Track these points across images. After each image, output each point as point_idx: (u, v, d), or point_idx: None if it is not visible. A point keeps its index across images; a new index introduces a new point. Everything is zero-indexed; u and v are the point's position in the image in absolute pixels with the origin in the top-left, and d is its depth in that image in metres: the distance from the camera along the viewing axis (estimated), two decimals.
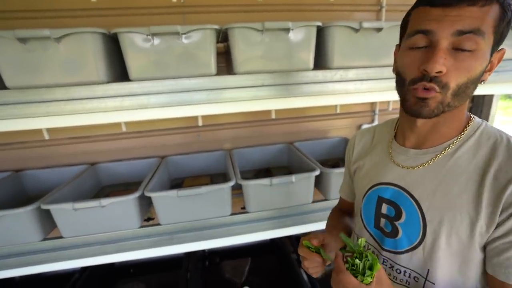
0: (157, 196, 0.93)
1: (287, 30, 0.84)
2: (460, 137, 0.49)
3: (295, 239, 1.44)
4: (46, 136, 1.16)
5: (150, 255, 0.97)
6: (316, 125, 1.51)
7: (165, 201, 0.94)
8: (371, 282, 0.44)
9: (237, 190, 1.08)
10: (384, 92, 0.99)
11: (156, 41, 0.80)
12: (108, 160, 1.33)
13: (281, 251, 1.43)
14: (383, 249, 0.57)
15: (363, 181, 0.64)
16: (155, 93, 0.82)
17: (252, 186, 0.99)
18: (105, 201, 0.88)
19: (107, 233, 0.95)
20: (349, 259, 0.47)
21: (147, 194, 0.92)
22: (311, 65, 0.91)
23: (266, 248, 1.52)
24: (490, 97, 1.57)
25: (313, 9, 1.30)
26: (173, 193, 0.92)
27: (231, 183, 0.96)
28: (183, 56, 0.82)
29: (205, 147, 1.42)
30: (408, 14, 0.48)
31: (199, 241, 0.99)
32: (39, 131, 1.15)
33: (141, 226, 0.97)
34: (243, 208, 1.08)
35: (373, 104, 1.56)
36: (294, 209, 1.07)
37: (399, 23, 0.51)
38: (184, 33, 0.79)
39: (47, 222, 0.94)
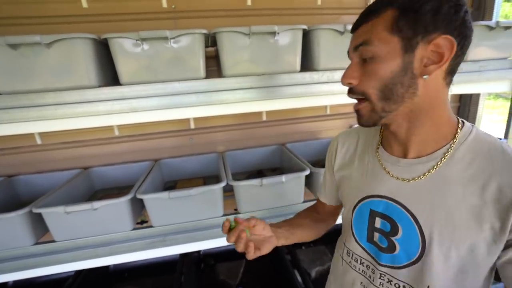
0: (149, 198, 0.94)
1: (273, 33, 0.86)
2: (453, 144, 0.47)
3: None
4: (39, 141, 1.17)
5: (143, 257, 0.98)
6: (307, 127, 1.53)
7: (157, 203, 0.95)
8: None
9: (230, 192, 1.09)
10: None
11: (146, 46, 0.82)
12: (101, 164, 1.34)
13: (274, 253, 1.43)
14: (380, 265, 0.55)
15: (352, 192, 0.61)
16: (146, 96, 0.83)
17: (243, 187, 1.01)
18: (97, 204, 0.89)
19: (100, 236, 0.96)
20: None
21: (139, 196, 0.93)
22: (298, 67, 0.93)
23: None
24: (477, 96, 1.61)
25: (301, 13, 1.32)
26: (164, 195, 0.93)
27: (222, 184, 0.98)
28: (173, 60, 0.84)
29: (197, 150, 1.43)
30: None
31: (192, 242, 1.00)
32: (31, 136, 1.15)
33: (134, 229, 0.98)
34: (236, 209, 1.10)
35: None
36: (286, 209, 1.09)
37: None
38: (173, 38, 0.81)
39: (39, 226, 0.94)
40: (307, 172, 1.03)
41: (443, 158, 0.47)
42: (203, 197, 0.98)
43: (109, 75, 0.88)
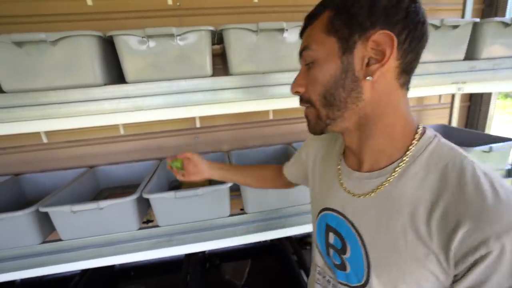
0: (155, 198, 0.93)
1: (282, 30, 0.84)
2: (406, 158, 0.41)
3: (295, 240, 1.43)
4: (45, 140, 1.16)
5: (149, 257, 0.97)
6: None
7: (163, 203, 0.94)
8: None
9: (237, 192, 1.07)
10: None
11: (152, 43, 0.80)
12: (107, 163, 1.33)
13: (281, 252, 1.42)
14: (338, 281, 0.52)
15: (314, 201, 0.60)
16: (151, 94, 0.82)
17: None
18: (103, 203, 0.88)
19: (106, 235, 0.95)
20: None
21: (145, 196, 0.92)
22: None
23: (266, 249, 1.52)
24: (488, 95, 1.57)
25: (309, 10, 1.30)
26: (171, 194, 0.92)
27: (229, 184, 0.96)
28: (179, 58, 0.83)
29: (203, 149, 1.42)
30: None
31: (198, 242, 0.99)
32: (37, 135, 1.15)
33: (140, 228, 0.97)
34: (242, 209, 1.08)
35: None
36: (293, 209, 1.07)
37: None
38: (179, 35, 0.80)
39: (46, 225, 0.94)
40: None
41: (393, 174, 0.41)
42: (210, 197, 0.97)
43: (114, 73, 0.87)
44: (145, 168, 1.30)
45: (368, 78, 0.39)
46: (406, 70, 0.40)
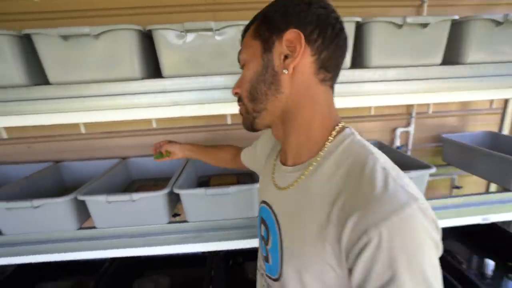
0: (186, 194, 0.93)
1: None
2: (322, 153, 0.43)
3: None
4: (83, 130, 1.21)
5: (176, 251, 0.98)
6: None
7: (193, 199, 0.94)
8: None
9: None
10: (426, 94, 0.91)
11: (189, 37, 0.79)
12: (138, 155, 1.37)
13: None
14: (266, 274, 0.53)
15: (259, 193, 0.65)
16: (187, 90, 0.81)
17: None
18: (136, 196, 0.90)
19: (137, 226, 0.97)
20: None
21: (176, 191, 0.92)
22: (349, 63, 0.86)
23: None
24: None
25: (351, 5, 1.24)
26: (201, 191, 0.91)
27: (257, 185, 0.94)
28: (216, 53, 0.81)
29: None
30: None
31: (225, 241, 0.98)
32: (76, 125, 1.20)
33: (169, 222, 0.98)
34: None
35: (409, 106, 1.47)
36: None
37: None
38: (218, 30, 0.78)
39: (83, 212, 0.98)
40: None
41: (309, 168, 0.44)
42: (239, 196, 0.95)
43: (152, 68, 0.87)
44: (174, 161, 1.31)
45: (284, 71, 0.43)
46: (324, 67, 0.43)
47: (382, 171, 0.37)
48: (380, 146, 1.40)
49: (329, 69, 0.44)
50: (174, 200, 1.04)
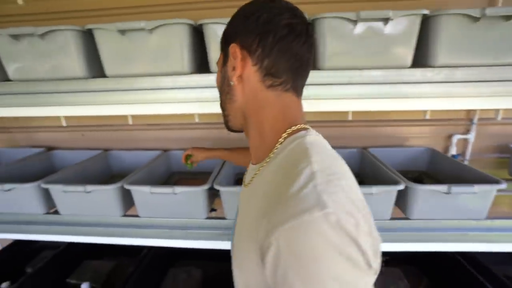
0: (225, 191, 0.93)
1: (386, 20, 0.72)
2: (272, 155, 0.44)
3: None
4: (130, 122, 1.27)
5: (212, 247, 0.99)
6: (396, 131, 1.34)
7: (233, 196, 0.94)
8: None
9: None
10: (501, 98, 0.79)
11: None
12: (180, 148, 1.41)
13: None
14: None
15: None
16: None
17: None
18: (178, 189, 0.92)
19: (177, 219, 0.99)
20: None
21: (216, 187, 0.92)
22: (409, 62, 0.78)
23: None
24: None
25: None
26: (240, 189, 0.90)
27: None
28: None
29: None
30: None
31: None
32: (125, 117, 1.26)
33: (207, 218, 0.99)
34: None
35: (470, 111, 1.31)
36: None
37: None
38: None
39: (127, 201, 1.02)
40: (402, 187, 0.88)
41: (261, 168, 0.45)
42: None
43: (199, 62, 0.87)
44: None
45: (231, 82, 0.46)
46: (270, 73, 0.43)
47: (309, 175, 0.34)
48: (433, 153, 1.27)
49: (277, 75, 0.43)
50: (212, 195, 1.04)
